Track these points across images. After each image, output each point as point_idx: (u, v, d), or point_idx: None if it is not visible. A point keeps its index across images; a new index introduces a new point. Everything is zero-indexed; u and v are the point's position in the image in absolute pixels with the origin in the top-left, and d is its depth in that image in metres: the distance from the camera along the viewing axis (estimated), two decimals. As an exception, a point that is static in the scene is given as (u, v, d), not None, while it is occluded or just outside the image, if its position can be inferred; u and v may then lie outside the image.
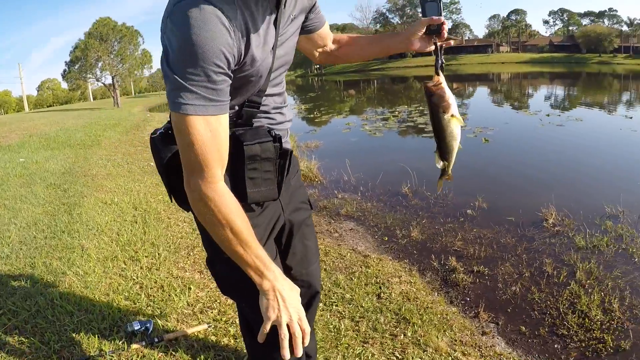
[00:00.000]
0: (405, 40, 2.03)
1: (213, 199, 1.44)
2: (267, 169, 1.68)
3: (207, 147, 1.39)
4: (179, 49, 1.32)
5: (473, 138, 12.31)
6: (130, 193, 7.22)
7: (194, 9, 1.31)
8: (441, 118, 1.82)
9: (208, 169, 1.41)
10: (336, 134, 14.61)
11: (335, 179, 8.33)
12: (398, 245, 5.39)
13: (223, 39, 1.33)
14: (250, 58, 1.49)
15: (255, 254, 1.51)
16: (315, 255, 2.22)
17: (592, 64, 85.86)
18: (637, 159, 9.86)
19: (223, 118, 1.43)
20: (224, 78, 1.38)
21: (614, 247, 5.11)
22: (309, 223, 2.19)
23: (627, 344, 3.44)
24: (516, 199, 7.11)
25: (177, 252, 4.84)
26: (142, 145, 12.89)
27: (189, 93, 1.33)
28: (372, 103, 26.26)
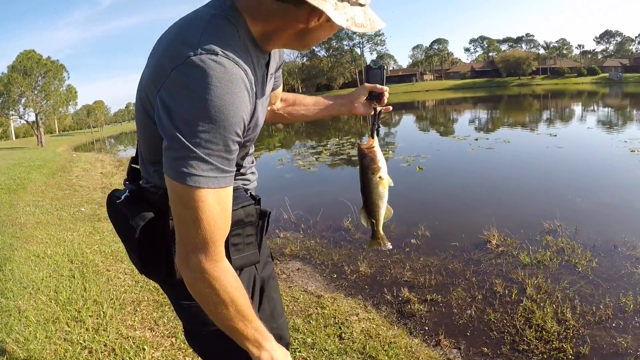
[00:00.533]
0: (348, 104, 2.15)
1: (219, 279, 1.34)
2: (249, 233, 1.63)
3: (216, 223, 1.29)
4: (195, 111, 1.19)
5: (407, 167, 12.70)
6: (64, 244, 6.78)
7: (217, 67, 1.20)
8: (370, 179, 1.90)
9: (215, 246, 1.31)
10: (270, 170, 14.62)
11: (275, 217, 8.32)
12: (348, 282, 5.47)
13: (245, 104, 1.27)
14: (255, 122, 1.45)
15: (254, 327, 1.46)
16: (282, 307, 2.21)
17: (513, 86, 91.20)
18: (566, 174, 10.50)
19: (231, 189, 1.34)
20: (237, 147, 1.31)
21: (557, 260, 5.43)
22: (274, 276, 2.17)
23: (586, 349, 3.67)
24: (458, 223, 7.39)
25: (123, 309, 4.59)
26: (69, 188, 12.24)
27: (202, 163, 1.22)
28: (301, 136, 26.52)
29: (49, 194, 11.57)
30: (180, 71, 1.21)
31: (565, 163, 12.00)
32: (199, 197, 1.24)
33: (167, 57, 1.27)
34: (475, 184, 10.49)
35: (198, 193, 1.23)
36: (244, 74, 1.26)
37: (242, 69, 1.26)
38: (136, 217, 1.52)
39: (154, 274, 1.65)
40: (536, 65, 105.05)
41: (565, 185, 9.35)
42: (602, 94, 54.07)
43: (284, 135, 27.29)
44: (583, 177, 10.15)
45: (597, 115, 27.77)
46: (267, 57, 1.54)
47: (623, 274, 4.99)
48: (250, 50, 1.38)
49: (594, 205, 7.69)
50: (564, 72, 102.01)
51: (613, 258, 5.43)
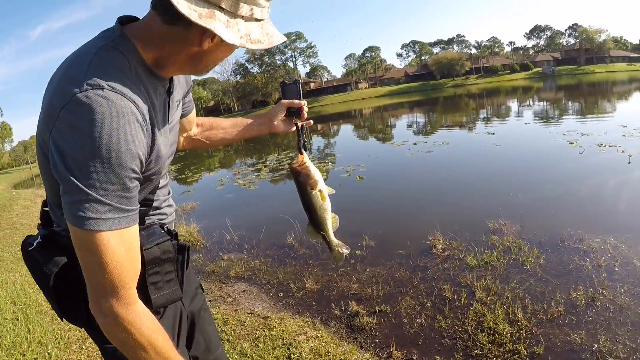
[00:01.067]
0: (267, 123, 2.15)
1: (133, 323, 1.30)
2: (168, 270, 1.60)
3: (122, 266, 1.25)
4: (85, 152, 1.15)
5: (347, 177, 12.73)
6: (6, 286, 6.63)
7: (104, 102, 1.17)
8: (310, 194, 1.93)
9: (125, 290, 1.28)
10: (210, 191, 14.48)
11: (217, 239, 8.21)
12: (295, 300, 5.39)
13: (138, 138, 1.23)
14: (155, 155, 1.40)
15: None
16: (217, 337, 2.18)
17: (448, 87, 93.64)
18: (507, 171, 10.76)
19: (135, 228, 1.30)
20: (137, 184, 1.27)
21: (504, 260, 5.49)
22: (205, 307, 2.15)
23: (540, 349, 3.69)
24: (402, 231, 7.41)
25: (69, 348, 4.53)
26: (10, 228, 11.91)
27: (99, 205, 1.18)
28: (241, 155, 26.33)
29: (-12, 235, 11.20)
30: (68, 110, 1.17)
31: (505, 160, 12.31)
32: (100, 241, 1.20)
33: (55, 96, 1.22)
34: (417, 189, 10.62)
35: (99, 237, 1.20)
36: (133, 106, 1.22)
37: (131, 101, 1.22)
38: (49, 264, 1.47)
39: (75, 320, 1.58)
40: (469, 65, 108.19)
41: (507, 182, 9.56)
42: (536, 89, 56.12)
43: (224, 154, 27.06)
44: (524, 173, 10.40)
45: (533, 110, 28.75)
46: (166, 84, 1.50)
47: (572, 268, 5.08)
48: (143, 79, 1.35)
49: (537, 200, 7.86)
50: (497, 70, 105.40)
51: (560, 253, 5.54)
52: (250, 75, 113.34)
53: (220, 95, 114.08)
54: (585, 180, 8.99)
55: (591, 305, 4.29)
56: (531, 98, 41.93)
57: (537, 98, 40.83)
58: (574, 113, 23.95)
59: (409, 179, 11.82)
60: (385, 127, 31.94)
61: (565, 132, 14.91)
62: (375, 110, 56.39)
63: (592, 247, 5.49)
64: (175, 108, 1.64)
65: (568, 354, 3.66)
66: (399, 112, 45.91)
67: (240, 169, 18.47)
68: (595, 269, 4.98)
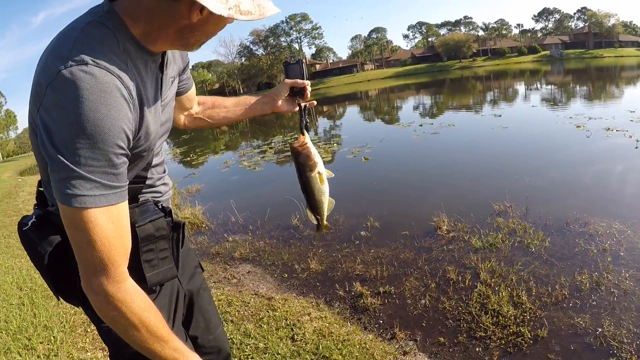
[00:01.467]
0: (270, 102, 2.14)
1: (124, 301, 1.30)
2: (162, 248, 1.59)
3: (111, 243, 1.25)
4: (71, 128, 1.14)
5: (352, 159, 12.72)
6: (12, 271, 6.66)
7: (88, 77, 1.15)
8: (309, 176, 1.92)
9: (114, 267, 1.27)
10: (216, 174, 14.47)
11: (222, 221, 8.23)
12: (300, 281, 5.40)
13: (124, 114, 1.21)
14: (144, 131, 1.38)
15: (172, 347, 1.43)
16: (217, 317, 2.19)
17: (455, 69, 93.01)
18: (513, 154, 10.70)
19: (124, 205, 1.29)
20: (124, 160, 1.26)
21: (509, 242, 5.48)
22: (205, 286, 2.15)
23: (544, 332, 3.69)
24: (406, 212, 7.41)
25: (74, 331, 4.56)
26: (16, 214, 11.86)
27: (85, 182, 1.17)
28: (247, 137, 26.29)
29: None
30: (54, 88, 1.16)
31: (512, 143, 12.23)
32: (88, 218, 1.20)
33: (42, 74, 1.21)
34: (422, 170, 10.59)
35: (86, 214, 1.20)
36: (118, 82, 1.21)
37: (116, 76, 1.21)
38: (43, 243, 1.47)
39: (71, 299, 1.58)
40: (476, 47, 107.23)
41: (513, 165, 9.52)
42: (544, 72, 55.75)
43: (230, 137, 27.04)
44: (530, 155, 10.32)
45: (540, 93, 28.58)
46: (158, 59, 1.48)
47: (577, 252, 5.06)
48: (132, 55, 1.33)
49: (544, 183, 7.82)
50: (505, 52, 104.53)
51: (566, 236, 5.51)
52: (255, 57, 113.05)
53: (225, 78, 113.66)
54: (592, 165, 8.93)
55: (596, 289, 4.28)
56: (538, 81, 41.67)
57: (545, 81, 40.58)
58: (581, 97, 23.81)
59: (415, 161, 11.80)
60: (391, 108, 31.83)
61: (572, 116, 14.79)
62: (382, 91, 56.16)
63: (598, 231, 5.46)
64: (170, 84, 1.62)
65: (572, 338, 3.65)
66: (405, 93, 45.74)
67: (245, 151, 18.43)
68: (600, 253, 4.96)
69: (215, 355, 2.11)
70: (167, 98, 1.61)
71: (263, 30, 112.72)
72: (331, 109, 37.34)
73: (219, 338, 2.14)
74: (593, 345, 3.53)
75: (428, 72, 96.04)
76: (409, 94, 44.58)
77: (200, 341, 2.04)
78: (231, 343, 3.93)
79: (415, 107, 29.63)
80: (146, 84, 1.39)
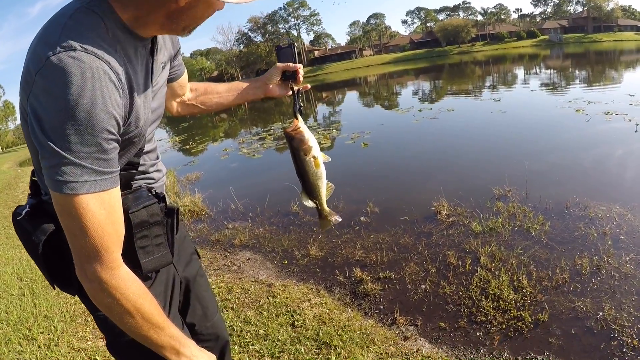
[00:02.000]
0: (262, 87, 2.13)
1: (118, 288, 1.29)
2: (157, 234, 1.57)
3: (104, 230, 1.23)
4: (60, 115, 1.12)
5: (352, 144, 12.69)
6: (12, 262, 6.70)
7: (76, 63, 1.13)
8: (303, 160, 1.89)
9: (108, 254, 1.26)
10: (215, 161, 14.46)
11: (222, 209, 8.22)
12: (300, 267, 5.38)
13: (113, 99, 1.19)
14: (135, 117, 1.36)
15: (168, 334, 1.42)
16: (214, 303, 2.17)
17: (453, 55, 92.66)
18: (513, 138, 10.63)
19: (116, 191, 1.28)
20: (115, 145, 1.24)
21: (509, 227, 5.46)
22: (202, 273, 2.13)
23: (544, 316, 3.68)
24: (406, 197, 7.38)
25: (74, 321, 4.57)
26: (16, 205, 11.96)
27: (76, 168, 1.16)
28: (246, 124, 26.22)
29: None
30: (42, 75, 1.15)
31: (511, 127, 12.18)
32: (79, 205, 1.19)
33: (31, 62, 1.20)
34: (422, 155, 10.54)
35: (78, 200, 1.18)
36: (107, 67, 1.18)
37: (105, 62, 1.18)
38: (37, 232, 1.45)
39: (67, 287, 1.56)
40: (475, 32, 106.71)
41: (513, 149, 9.47)
42: (543, 56, 55.57)
43: (229, 124, 27.00)
44: (530, 140, 10.28)
45: (539, 78, 28.47)
46: (148, 44, 1.45)
47: (577, 236, 5.05)
48: (121, 40, 1.30)
49: (543, 167, 7.79)
50: (504, 37, 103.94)
51: (566, 220, 5.49)
52: (254, 44, 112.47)
53: (223, 65, 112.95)
54: (592, 149, 8.89)
55: (596, 273, 4.26)
56: (538, 66, 41.53)
57: (544, 66, 40.45)
58: (580, 81, 23.73)
59: (414, 146, 11.74)
60: (391, 94, 31.73)
61: (571, 100, 14.74)
62: (380, 77, 55.97)
63: (598, 215, 5.44)
64: (161, 70, 1.60)
65: (572, 322, 3.64)
66: (404, 79, 45.57)
67: (245, 138, 18.40)
68: (600, 237, 4.94)
69: (213, 342, 2.09)
70: (159, 84, 1.58)
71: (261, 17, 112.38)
72: (330, 95, 37.25)
73: (217, 325, 2.13)
74: (594, 328, 3.52)
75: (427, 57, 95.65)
76: (408, 79, 44.42)
77: (198, 328, 2.02)
78: (231, 330, 3.93)
79: (414, 93, 29.51)
80: (136, 70, 1.36)
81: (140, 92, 1.38)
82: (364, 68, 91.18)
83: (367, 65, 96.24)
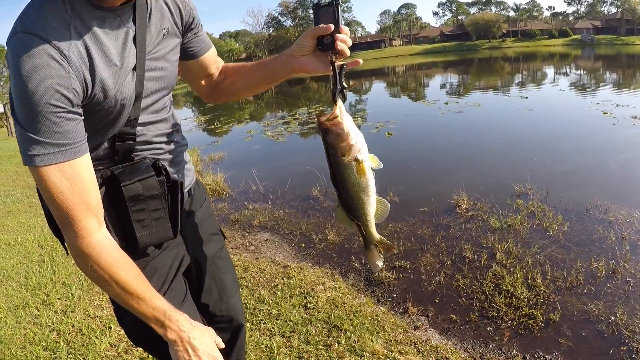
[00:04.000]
0: (289, 60, 1.65)
1: (89, 255, 1.34)
2: (155, 207, 1.57)
3: (68, 199, 1.28)
4: (15, 94, 1.21)
5: (376, 133, 12.62)
6: (34, 230, 6.85)
7: (20, 45, 1.20)
8: (340, 163, 1.44)
9: (76, 222, 1.31)
10: (239, 143, 14.51)
11: (243, 189, 8.26)
12: (316, 251, 5.40)
13: (54, 74, 1.21)
14: (99, 87, 1.35)
15: (151, 306, 1.43)
16: (233, 287, 2.13)
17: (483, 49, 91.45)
18: (537, 137, 10.50)
19: (80, 161, 1.31)
20: (68, 117, 1.26)
21: (527, 224, 5.40)
22: (223, 255, 2.08)
23: (556, 316, 3.64)
24: (427, 189, 7.34)
25: (91, 289, 4.65)
26: None
27: (34, 142, 1.22)
28: (272, 108, 26.23)
29: (20, 182, 11.55)
30: (6, 56, 1.25)
31: (537, 125, 12.02)
32: (42, 176, 1.26)
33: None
34: (445, 148, 10.46)
35: (40, 172, 1.25)
36: (46, 45, 1.20)
37: (44, 39, 1.20)
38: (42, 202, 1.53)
39: None
40: (506, 28, 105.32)
41: (537, 147, 9.35)
42: (574, 56, 54.60)
43: (254, 107, 27.02)
44: (555, 139, 10.14)
45: (569, 78, 28.01)
46: (124, 12, 1.41)
47: (595, 238, 4.98)
48: (82, 15, 1.30)
49: (566, 167, 7.69)
50: (535, 35, 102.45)
51: (585, 222, 5.43)
52: (283, 29, 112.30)
53: (252, 48, 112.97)
54: (616, 152, 8.73)
55: (611, 277, 4.21)
56: (568, 65, 40.85)
57: (574, 66, 39.77)
58: (610, 83, 23.26)
59: (438, 138, 11.65)
60: (418, 85, 31.50)
61: (599, 102, 14.46)
62: (409, 68, 55.59)
63: (618, 219, 5.37)
64: (161, 38, 1.55)
65: (584, 324, 3.60)
66: (433, 71, 45.21)
67: (269, 121, 18.44)
68: (618, 241, 4.87)
69: (227, 324, 2.07)
70: (161, 52, 1.55)
71: (292, 2, 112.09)
72: (357, 83, 37.04)
73: (232, 308, 2.09)
74: (605, 332, 3.48)
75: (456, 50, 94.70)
76: (437, 71, 44.06)
77: (212, 309, 2.01)
78: (245, 308, 3.96)
79: (442, 85, 29.25)
80: (102, 41, 1.34)
81: (107, 62, 1.36)
82: (392, 58, 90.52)
83: (395, 55, 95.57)
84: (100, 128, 1.46)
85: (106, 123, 1.46)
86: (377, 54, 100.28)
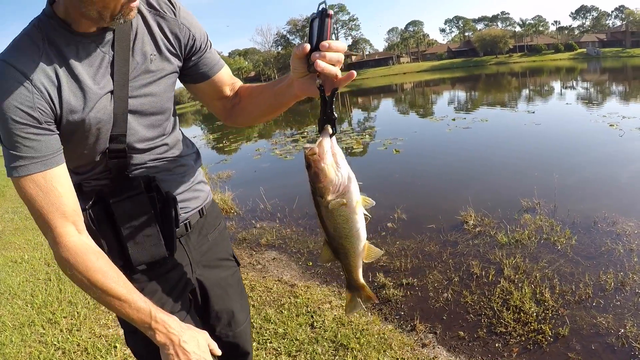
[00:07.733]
0: (291, 83, 1.52)
1: (67, 259, 1.39)
2: (146, 225, 1.57)
3: (43, 208, 1.36)
4: None
5: (384, 150, 12.62)
6: (41, 247, 6.86)
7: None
8: (319, 204, 1.25)
9: (52, 229, 1.38)
10: (247, 161, 14.56)
11: (251, 208, 8.27)
12: (324, 269, 5.36)
13: (17, 94, 1.30)
14: (67, 108, 1.39)
15: (135, 308, 1.42)
16: (244, 314, 2.07)
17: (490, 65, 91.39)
18: (544, 151, 10.44)
19: (53, 172, 1.38)
20: (37, 132, 1.34)
21: (535, 239, 5.36)
22: (233, 282, 2.03)
23: (565, 330, 3.60)
24: (434, 205, 7.31)
25: (97, 308, 4.66)
26: None
27: (9, 155, 1.33)
28: (280, 125, 26.27)
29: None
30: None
31: (544, 140, 11.94)
32: (19, 187, 1.36)
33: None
34: (452, 164, 10.42)
35: (17, 183, 1.36)
36: (13, 70, 1.30)
37: (12, 66, 1.31)
38: None
39: None
40: (513, 43, 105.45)
41: (544, 162, 9.29)
42: (580, 70, 54.46)
43: (263, 125, 27.09)
44: (561, 153, 10.07)
45: (575, 91, 27.93)
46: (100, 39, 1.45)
47: (603, 251, 4.93)
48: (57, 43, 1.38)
49: (573, 181, 7.64)
50: (541, 49, 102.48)
51: (593, 235, 5.37)
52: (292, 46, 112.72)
53: (261, 66, 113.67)
54: (623, 164, 8.65)
55: (620, 289, 4.15)
56: (574, 79, 40.73)
57: (581, 79, 39.68)
58: (616, 95, 23.16)
59: (445, 154, 11.60)
60: (426, 102, 31.48)
61: (605, 114, 14.37)
62: (417, 85, 55.62)
63: (626, 231, 5.31)
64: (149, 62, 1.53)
65: (593, 337, 3.55)
66: (440, 87, 45.21)
67: (278, 140, 18.45)
68: (627, 253, 4.81)
69: (233, 352, 2.03)
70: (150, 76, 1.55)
71: (300, 20, 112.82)
72: (365, 101, 37.13)
73: (240, 335, 2.05)
74: (614, 345, 3.44)
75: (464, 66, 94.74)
76: (444, 88, 44.05)
77: (218, 333, 1.97)
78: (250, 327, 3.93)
79: (449, 102, 29.21)
80: (72, 65, 1.39)
81: (75, 85, 1.41)
82: (400, 75, 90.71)
83: (403, 72, 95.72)
84: (86, 148, 1.52)
85: (89, 144, 1.51)
86: (385, 71, 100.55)
